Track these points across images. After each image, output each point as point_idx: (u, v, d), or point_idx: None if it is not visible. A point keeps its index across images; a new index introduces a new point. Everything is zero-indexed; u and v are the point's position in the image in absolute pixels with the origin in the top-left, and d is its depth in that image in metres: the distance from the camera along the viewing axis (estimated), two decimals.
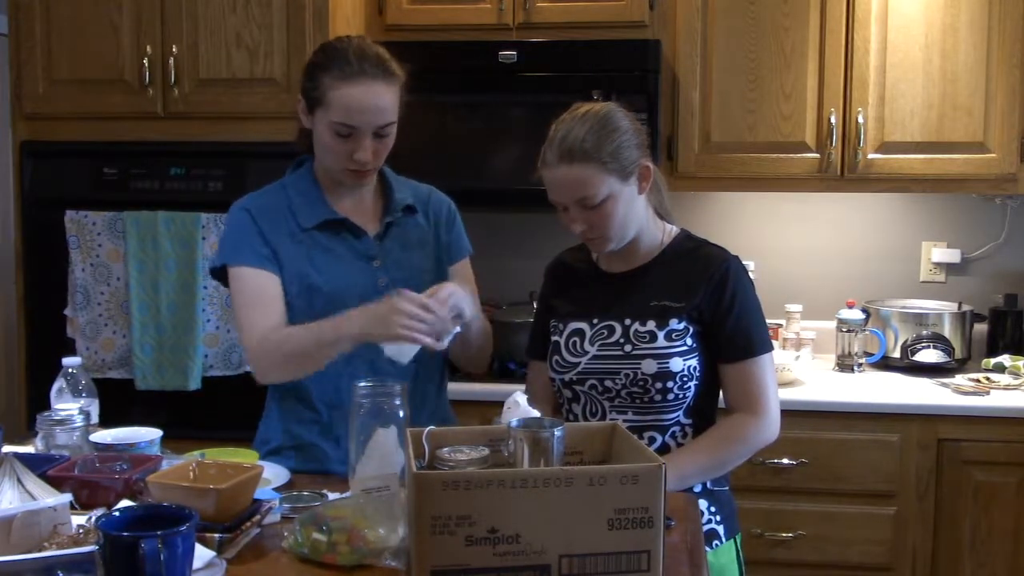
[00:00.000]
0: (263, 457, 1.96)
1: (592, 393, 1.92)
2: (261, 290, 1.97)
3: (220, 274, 2.04)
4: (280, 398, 2.06)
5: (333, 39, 2.03)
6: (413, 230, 2.09)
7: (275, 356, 1.93)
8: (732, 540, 1.94)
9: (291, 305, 1.99)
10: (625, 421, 1.88)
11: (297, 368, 1.95)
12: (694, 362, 1.88)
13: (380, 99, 1.92)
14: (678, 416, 1.90)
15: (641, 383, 1.86)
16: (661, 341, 1.86)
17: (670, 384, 1.86)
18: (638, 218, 1.91)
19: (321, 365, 1.92)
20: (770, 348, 1.92)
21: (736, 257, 1.94)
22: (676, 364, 1.86)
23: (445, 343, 1.83)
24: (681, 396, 1.88)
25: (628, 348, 1.88)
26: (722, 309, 1.88)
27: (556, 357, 1.96)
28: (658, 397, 1.87)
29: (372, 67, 1.91)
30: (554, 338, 1.98)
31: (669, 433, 1.90)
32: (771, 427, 1.89)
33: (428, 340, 1.78)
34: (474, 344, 2.05)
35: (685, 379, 1.87)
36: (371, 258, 2.02)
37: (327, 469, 1.97)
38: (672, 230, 1.99)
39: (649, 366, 1.86)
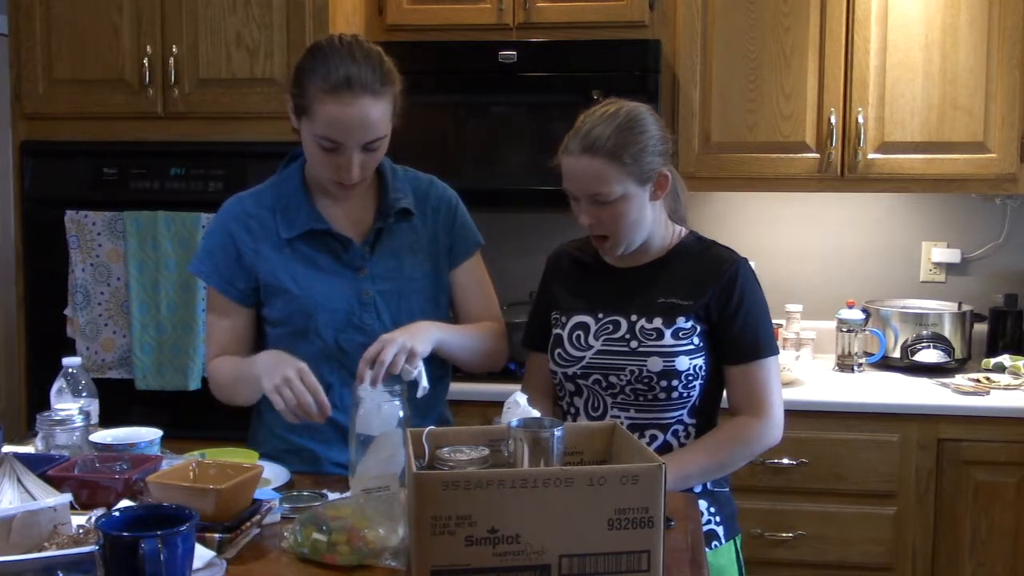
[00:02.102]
0: None
1: (595, 388, 1.92)
2: (221, 318, 2.00)
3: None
4: (268, 402, 2.00)
5: (324, 39, 1.89)
6: (407, 235, 1.99)
7: (213, 383, 2.02)
8: (732, 541, 1.94)
9: (271, 319, 1.97)
10: (627, 418, 1.88)
11: (229, 396, 2.00)
12: (700, 361, 1.88)
13: (368, 115, 1.79)
14: (681, 415, 1.90)
15: (646, 380, 1.86)
16: (668, 339, 1.86)
17: (675, 383, 1.86)
18: (648, 223, 1.90)
19: (246, 397, 1.96)
20: (776, 351, 1.92)
21: (745, 259, 1.93)
22: (682, 363, 1.86)
23: (424, 386, 1.80)
24: (686, 395, 1.88)
25: (634, 344, 1.87)
26: (729, 310, 1.88)
27: (559, 350, 1.95)
28: (662, 395, 1.87)
29: (361, 76, 1.78)
30: (556, 330, 1.98)
31: (671, 431, 1.90)
32: (774, 430, 1.89)
33: (288, 415, 1.72)
34: (469, 353, 1.99)
35: (690, 378, 1.87)
36: (357, 268, 1.95)
37: (318, 472, 1.95)
38: (680, 231, 1.99)
39: (655, 364, 1.85)
